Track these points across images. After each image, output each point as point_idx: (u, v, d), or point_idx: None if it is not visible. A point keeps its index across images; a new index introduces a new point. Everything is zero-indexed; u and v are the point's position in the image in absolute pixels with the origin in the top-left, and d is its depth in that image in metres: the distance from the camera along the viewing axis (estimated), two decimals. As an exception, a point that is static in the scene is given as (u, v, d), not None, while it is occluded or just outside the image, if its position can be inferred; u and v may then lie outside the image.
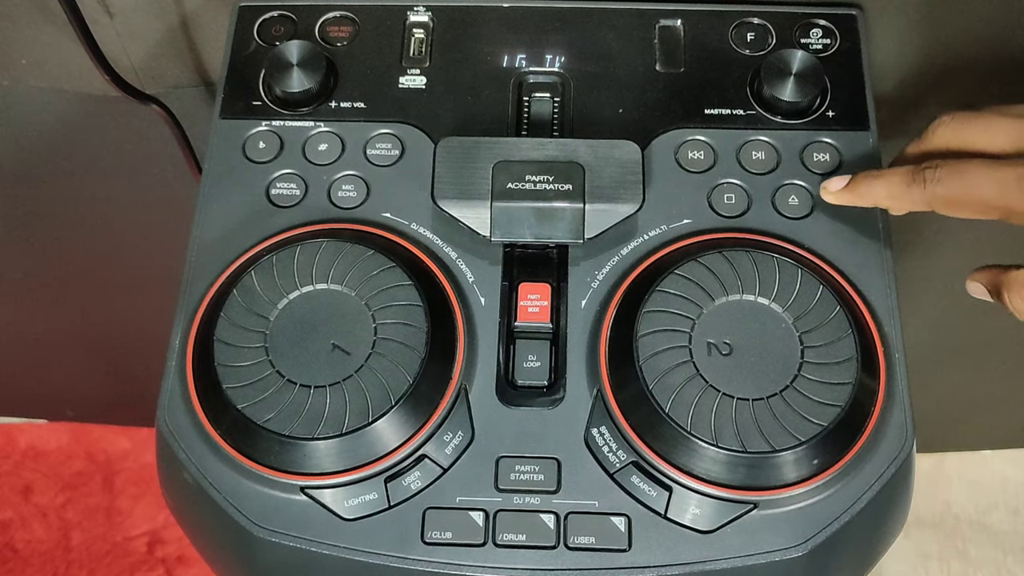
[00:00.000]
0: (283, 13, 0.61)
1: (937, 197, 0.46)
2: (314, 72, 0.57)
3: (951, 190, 0.46)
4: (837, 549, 0.49)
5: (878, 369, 0.50)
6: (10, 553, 1.24)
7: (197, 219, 0.56)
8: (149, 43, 0.68)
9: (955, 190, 0.46)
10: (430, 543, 0.48)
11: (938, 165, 0.46)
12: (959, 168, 0.46)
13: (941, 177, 0.46)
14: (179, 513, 0.53)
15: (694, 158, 0.56)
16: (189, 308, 0.53)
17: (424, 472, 0.49)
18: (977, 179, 0.45)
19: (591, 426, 0.50)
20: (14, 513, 1.26)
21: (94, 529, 1.25)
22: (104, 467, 1.29)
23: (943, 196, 0.46)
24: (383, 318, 0.50)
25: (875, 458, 0.49)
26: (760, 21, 0.60)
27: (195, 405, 0.50)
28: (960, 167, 0.46)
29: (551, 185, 0.53)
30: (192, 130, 0.72)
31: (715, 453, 0.47)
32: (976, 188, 0.45)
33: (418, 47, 0.60)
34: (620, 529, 0.48)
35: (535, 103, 0.59)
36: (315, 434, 0.48)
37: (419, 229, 0.55)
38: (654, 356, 0.49)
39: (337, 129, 0.58)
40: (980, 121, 0.48)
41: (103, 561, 1.24)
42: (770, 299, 0.50)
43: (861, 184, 0.50)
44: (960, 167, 0.46)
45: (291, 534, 0.48)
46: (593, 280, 0.53)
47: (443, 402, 0.50)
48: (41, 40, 0.68)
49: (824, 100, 0.58)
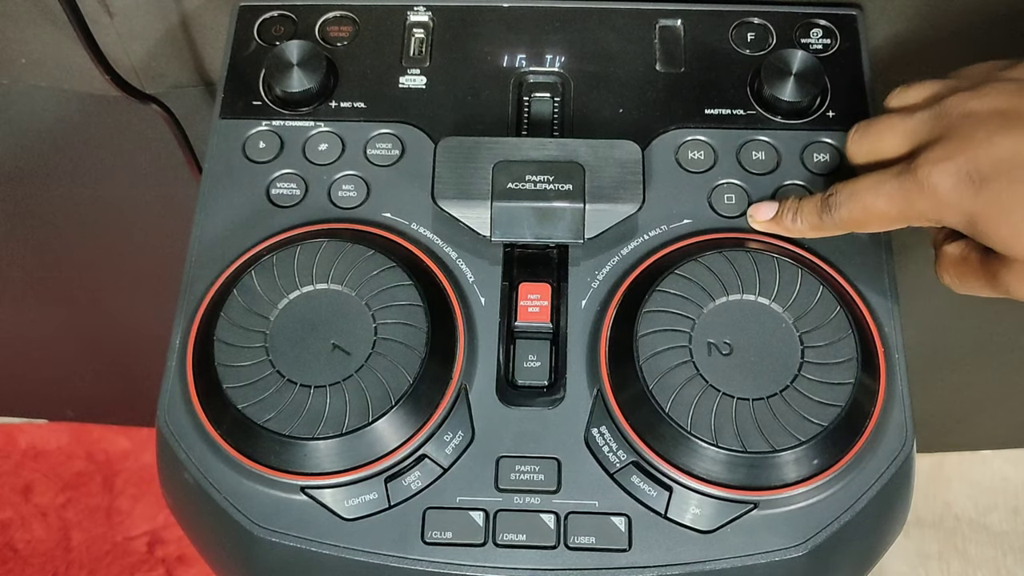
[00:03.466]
0: (283, 13, 0.61)
1: (844, 221, 0.48)
2: (314, 72, 0.57)
3: (851, 212, 0.48)
4: (837, 549, 0.49)
5: (878, 369, 0.50)
6: (10, 553, 1.24)
7: (197, 219, 0.56)
8: (149, 43, 0.68)
9: (854, 211, 0.48)
10: (430, 543, 0.48)
11: (837, 190, 0.48)
12: (852, 188, 0.48)
13: (841, 201, 0.48)
14: (179, 513, 0.53)
15: (694, 158, 0.56)
16: (189, 308, 0.53)
17: (424, 472, 0.49)
18: (866, 196, 0.47)
19: (591, 426, 0.50)
20: (14, 513, 1.26)
21: (94, 529, 1.25)
22: (104, 467, 1.29)
23: (848, 219, 0.48)
24: (383, 318, 0.50)
25: (875, 458, 0.49)
26: (760, 21, 0.60)
27: (195, 405, 0.50)
28: (852, 187, 0.48)
29: (551, 185, 0.53)
30: (192, 130, 0.72)
31: (715, 453, 0.47)
32: (868, 205, 0.47)
33: (418, 47, 0.60)
34: (620, 529, 0.48)
35: (535, 103, 0.59)
36: (315, 434, 0.48)
37: (419, 229, 0.55)
38: (654, 356, 0.49)
39: (337, 129, 0.58)
40: (874, 129, 0.50)
41: (103, 561, 1.24)
42: (770, 299, 0.50)
43: (785, 217, 0.52)
44: (852, 187, 0.48)
45: (291, 534, 0.48)
46: (593, 280, 0.53)
47: (443, 402, 0.50)
48: (41, 40, 0.68)
49: (824, 100, 0.58)
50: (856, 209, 0.48)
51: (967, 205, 0.43)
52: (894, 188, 0.46)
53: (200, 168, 0.64)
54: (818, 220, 0.50)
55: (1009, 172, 0.43)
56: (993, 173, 0.43)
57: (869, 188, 0.47)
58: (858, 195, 0.47)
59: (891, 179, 0.46)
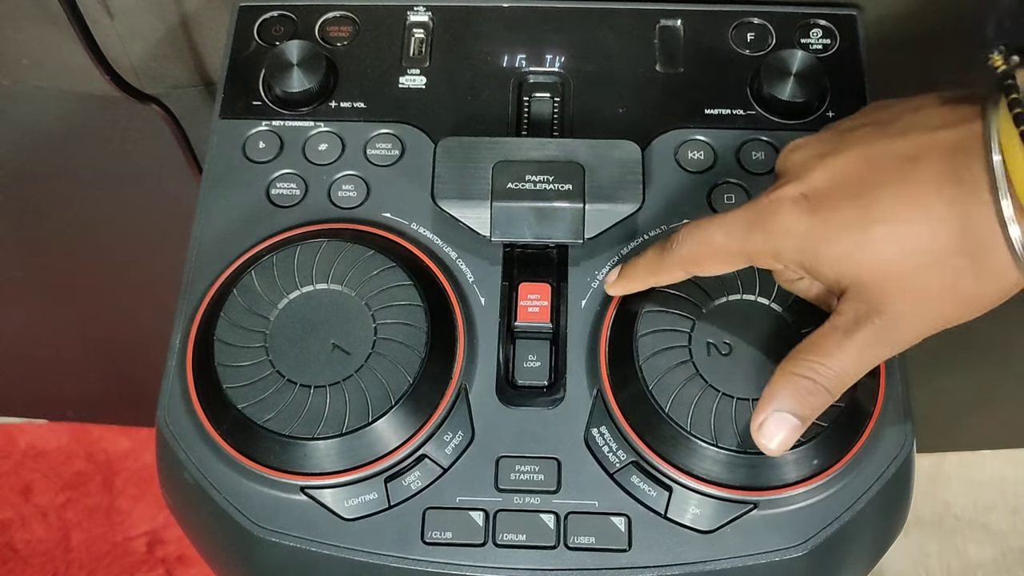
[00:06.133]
0: (283, 13, 0.61)
1: (683, 258, 0.47)
2: (314, 72, 0.57)
3: (692, 247, 0.46)
4: (837, 549, 0.49)
5: (878, 369, 0.50)
6: (10, 553, 1.24)
7: (197, 219, 0.56)
8: (149, 43, 0.68)
9: (694, 247, 0.46)
10: (430, 543, 0.48)
11: (681, 230, 0.47)
12: (695, 224, 0.46)
13: (682, 238, 0.46)
14: (179, 513, 0.53)
15: (694, 158, 0.56)
16: (189, 308, 0.53)
17: (424, 472, 0.49)
18: (707, 229, 0.45)
19: (591, 426, 0.50)
20: (14, 513, 1.26)
21: (94, 529, 1.25)
22: (104, 467, 1.29)
23: (687, 255, 0.46)
24: (383, 318, 0.50)
25: (875, 458, 0.49)
26: (760, 21, 0.60)
27: (195, 405, 0.50)
28: (697, 223, 0.46)
29: (551, 185, 0.53)
30: (192, 130, 0.72)
31: (715, 453, 0.47)
32: (708, 239, 0.45)
33: (418, 47, 0.60)
34: (620, 529, 0.48)
35: (535, 103, 0.59)
36: (315, 434, 0.48)
37: (419, 229, 0.55)
38: (654, 356, 0.49)
39: (337, 129, 0.58)
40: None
41: (103, 561, 1.24)
42: (770, 299, 0.50)
43: (628, 269, 0.50)
44: (697, 223, 0.46)
45: (291, 534, 0.48)
46: (593, 280, 0.53)
47: (443, 402, 0.50)
48: (41, 40, 0.68)
49: (824, 100, 0.58)
50: (696, 244, 0.46)
51: (802, 228, 0.42)
52: (734, 220, 0.44)
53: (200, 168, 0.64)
54: (659, 262, 0.48)
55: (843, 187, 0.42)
56: (828, 190, 0.42)
57: (711, 222, 0.46)
58: (699, 229, 0.46)
59: (733, 213, 0.45)
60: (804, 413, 0.43)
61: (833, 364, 0.43)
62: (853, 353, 0.42)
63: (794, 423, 0.44)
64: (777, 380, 0.44)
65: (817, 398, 0.43)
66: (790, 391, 0.43)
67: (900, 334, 0.42)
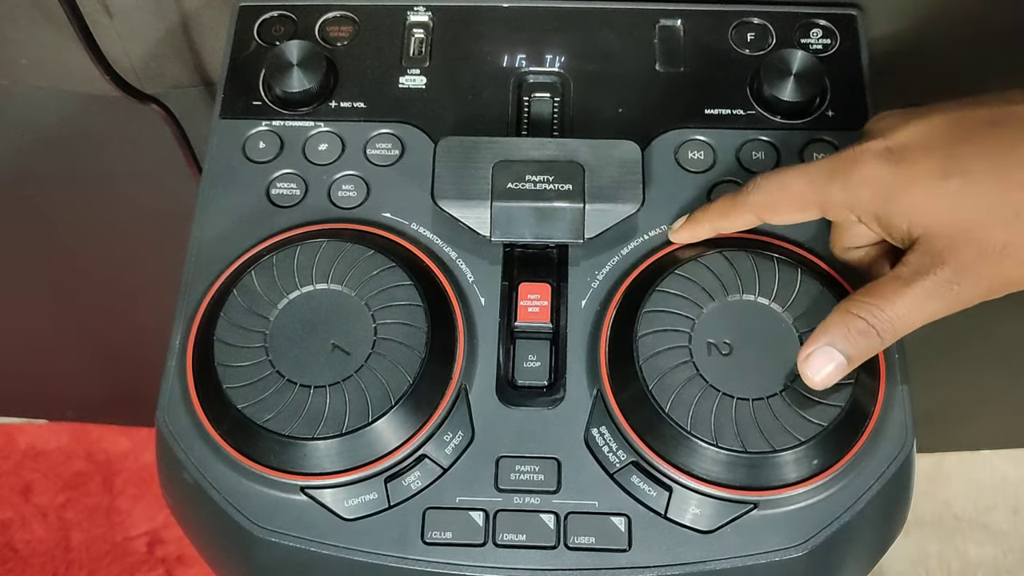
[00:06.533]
0: (283, 13, 0.61)
1: (758, 203, 0.49)
2: (314, 72, 0.57)
3: (769, 193, 0.48)
4: (837, 549, 0.49)
5: (878, 369, 0.50)
6: (10, 553, 1.24)
7: (197, 219, 0.56)
8: (149, 43, 0.68)
9: (772, 192, 0.48)
10: (430, 543, 0.48)
11: (759, 176, 0.49)
12: (775, 172, 0.49)
13: (759, 184, 0.49)
14: (179, 513, 0.53)
15: (694, 158, 0.56)
16: (189, 308, 0.53)
17: (424, 472, 0.49)
18: (788, 177, 0.48)
19: (591, 426, 0.50)
20: (14, 513, 1.26)
21: (94, 529, 1.25)
22: (104, 467, 1.29)
23: (763, 200, 0.49)
24: (383, 318, 0.50)
25: (875, 458, 0.49)
26: (760, 21, 0.60)
27: (195, 405, 0.50)
28: (776, 171, 0.49)
29: (551, 185, 0.53)
30: (192, 130, 0.72)
31: (715, 453, 0.47)
32: (788, 186, 0.48)
33: (418, 47, 0.60)
34: (620, 529, 0.48)
35: (535, 103, 0.59)
36: (315, 434, 0.48)
37: (419, 229, 0.55)
38: (654, 356, 0.49)
39: (337, 129, 0.58)
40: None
41: (103, 561, 1.24)
42: (770, 299, 0.50)
43: (696, 214, 0.52)
44: (776, 171, 0.49)
45: (291, 534, 0.48)
46: (593, 280, 0.53)
47: (443, 402, 0.50)
48: (41, 40, 0.68)
49: (824, 100, 0.58)
50: (773, 190, 0.48)
51: (883, 178, 0.44)
52: (816, 169, 0.47)
53: (200, 168, 0.64)
54: (731, 206, 0.50)
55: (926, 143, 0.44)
56: (912, 145, 0.45)
57: (791, 170, 0.48)
58: (778, 176, 0.48)
59: (815, 163, 0.47)
60: (852, 352, 0.45)
61: (889, 309, 0.44)
62: (911, 301, 0.44)
63: (840, 360, 0.45)
64: (832, 316, 0.46)
65: (868, 340, 0.45)
66: (843, 328, 0.45)
67: (961, 290, 0.43)
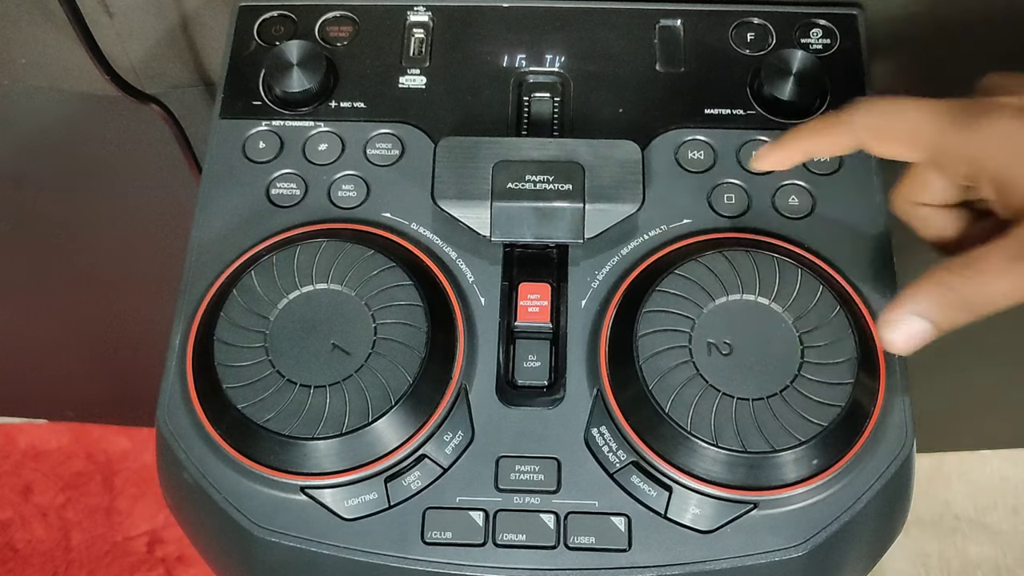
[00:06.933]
0: (283, 13, 0.61)
1: (864, 126, 0.44)
2: (314, 72, 0.57)
3: (879, 117, 0.44)
4: (837, 549, 0.49)
5: (878, 369, 0.50)
6: (10, 553, 1.24)
7: (197, 219, 0.56)
8: (149, 43, 0.68)
9: (882, 116, 0.44)
10: (430, 543, 0.48)
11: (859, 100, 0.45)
12: (884, 98, 0.44)
13: (868, 106, 0.44)
14: (179, 513, 0.53)
15: (694, 158, 0.56)
16: (189, 308, 0.53)
17: (424, 472, 0.49)
18: (904, 105, 0.44)
19: (591, 426, 0.50)
20: (14, 513, 1.26)
21: (94, 529, 1.25)
22: (104, 467, 1.29)
23: (870, 124, 0.44)
24: (383, 318, 0.50)
25: (875, 458, 0.49)
26: (760, 21, 0.60)
27: (195, 405, 0.50)
28: (884, 98, 0.44)
29: (551, 185, 0.53)
30: (192, 130, 0.72)
31: (715, 453, 0.47)
32: (904, 114, 0.43)
33: (418, 47, 0.60)
34: (620, 529, 0.48)
35: (535, 103, 0.59)
36: (315, 434, 0.48)
37: (419, 229, 0.55)
38: (654, 356, 0.49)
39: (337, 129, 0.58)
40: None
41: (103, 561, 1.24)
42: (770, 299, 0.50)
43: (786, 136, 0.48)
44: (884, 98, 0.44)
45: (291, 534, 0.48)
46: (593, 280, 0.53)
47: (443, 402, 0.50)
48: (41, 40, 0.68)
49: (824, 100, 0.58)
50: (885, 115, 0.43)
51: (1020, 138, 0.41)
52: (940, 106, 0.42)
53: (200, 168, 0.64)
54: (830, 122, 0.45)
55: None
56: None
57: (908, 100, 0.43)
58: (891, 103, 0.43)
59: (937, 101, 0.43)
60: (940, 322, 0.42)
61: (986, 283, 0.41)
62: (1012, 279, 0.41)
63: (927, 329, 0.42)
64: (923, 283, 0.42)
65: (958, 313, 0.42)
66: (936, 297, 0.42)
67: None
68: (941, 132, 0.42)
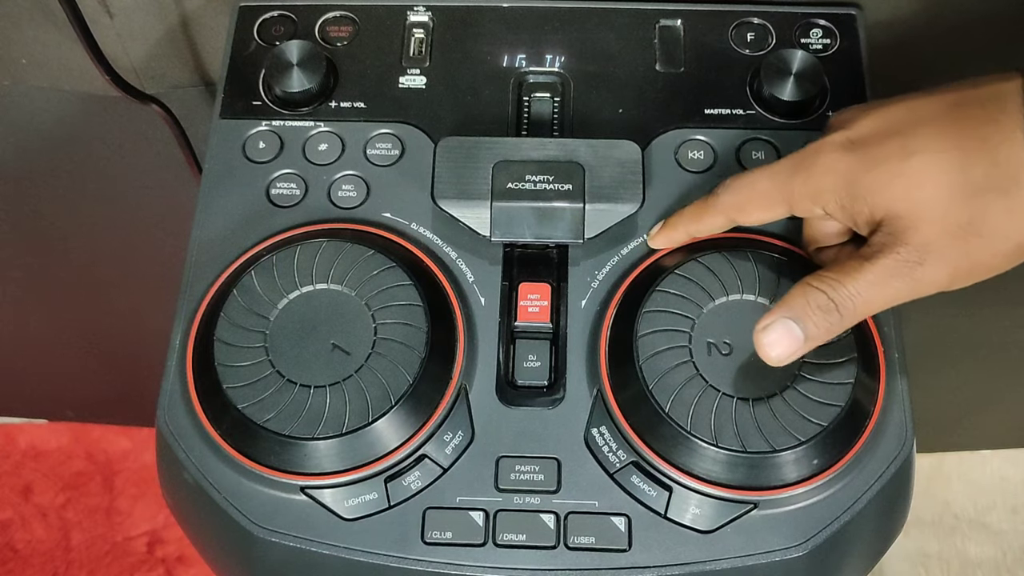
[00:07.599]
0: (283, 13, 0.61)
1: (728, 204, 0.49)
2: (314, 72, 0.57)
3: (736, 194, 0.49)
4: (837, 549, 0.49)
5: (878, 369, 0.50)
6: (10, 553, 1.24)
7: (197, 219, 0.56)
8: (149, 43, 0.68)
9: (739, 192, 0.49)
10: (430, 543, 0.48)
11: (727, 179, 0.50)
12: (743, 173, 0.50)
13: (728, 185, 0.50)
14: (179, 513, 0.53)
15: (694, 158, 0.56)
16: (189, 308, 0.53)
17: (424, 472, 0.49)
18: (754, 176, 0.49)
19: (591, 426, 0.50)
20: (14, 513, 1.26)
21: (94, 529, 1.25)
22: (104, 467, 1.29)
23: (732, 201, 0.49)
24: (383, 318, 0.50)
25: (875, 458, 0.49)
26: (760, 21, 0.60)
27: (195, 405, 0.50)
28: (743, 172, 0.50)
29: (551, 185, 0.53)
30: (192, 130, 0.72)
31: (715, 453, 0.47)
32: (754, 185, 0.48)
33: (418, 47, 0.60)
34: (620, 529, 0.48)
35: (535, 103, 0.59)
36: (315, 434, 0.48)
37: (419, 229, 0.55)
38: (654, 356, 0.49)
39: (337, 129, 0.58)
40: None
41: (103, 561, 1.24)
42: (770, 299, 0.50)
43: (671, 220, 0.53)
44: (743, 172, 0.50)
45: (291, 534, 0.48)
46: (593, 280, 0.53)
47: (443, 402, 0.50)
48: (41, 40, 0.68)
49: (824, 100, 0.58)
50: (741, 190, 0.49)
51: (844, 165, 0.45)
52: (779, 166, 0.48)
53: (200, 168, 0.64)
54: (703, 209, 0.50)
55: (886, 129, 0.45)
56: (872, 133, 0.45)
57: (756, 170, 0.49)
58: (745, 177, 0.49)
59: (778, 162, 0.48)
60: (810, 328, 0.45)
61: (850, 285, 0.44)
62: (872, 279, 0.44)
63: (798, 335, 0.45)
64: (793, 289, 0.46)
65: (827, 316, 0.44)
66: (802, 301, 0.45)
67: (924, 271, 0.43)
68: (785, 185, 0.47)
